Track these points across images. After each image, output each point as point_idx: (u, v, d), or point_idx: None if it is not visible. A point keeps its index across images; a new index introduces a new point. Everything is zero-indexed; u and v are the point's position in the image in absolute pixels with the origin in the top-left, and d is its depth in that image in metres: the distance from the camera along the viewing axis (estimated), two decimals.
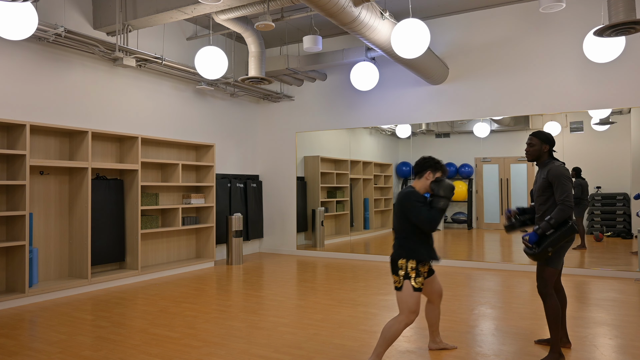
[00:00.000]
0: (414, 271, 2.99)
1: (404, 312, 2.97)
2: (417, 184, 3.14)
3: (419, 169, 3.14)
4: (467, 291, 5.31)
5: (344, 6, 4.47)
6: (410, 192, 3.06)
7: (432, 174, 3.10)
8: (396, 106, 7.76)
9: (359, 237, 8.46)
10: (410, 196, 3.03)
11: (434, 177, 3.10)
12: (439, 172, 3.11)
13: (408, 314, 2.97)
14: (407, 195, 3.04)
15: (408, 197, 3.04)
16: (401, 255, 3.01)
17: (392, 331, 2.95)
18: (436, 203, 3.02)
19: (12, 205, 5.02)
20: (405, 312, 2.97)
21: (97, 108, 6.04)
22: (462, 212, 7.84)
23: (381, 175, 8.50)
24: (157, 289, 5.59)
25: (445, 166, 3.13)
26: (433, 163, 3.11)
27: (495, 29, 7.00)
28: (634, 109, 6.24)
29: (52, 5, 5.49)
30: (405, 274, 2.99)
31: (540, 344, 3.53)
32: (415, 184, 3.14)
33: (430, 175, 3.10)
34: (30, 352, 3.48)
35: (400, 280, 2.99)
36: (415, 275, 2.99)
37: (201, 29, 7.62)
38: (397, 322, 2.97)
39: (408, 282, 2.98)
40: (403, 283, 2.98)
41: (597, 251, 6.59)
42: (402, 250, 3.02)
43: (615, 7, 3.82)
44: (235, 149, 8.43)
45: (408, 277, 2.99)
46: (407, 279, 2.98)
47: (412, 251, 3.00)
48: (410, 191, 3.06)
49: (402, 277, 2.99)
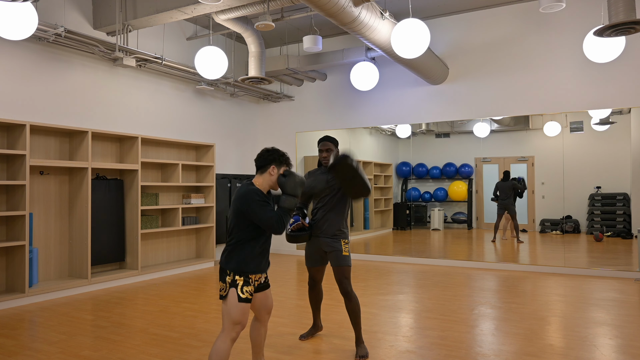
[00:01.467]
0: (242, 279, 2.61)
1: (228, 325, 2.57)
2: (258, 180, 2.73)
3: (262, 163, 2.73)
4: (467, 291, 5.31)
5: (344, 6, 4.47)
6: (250, 190, 2.63)
7: (277, 169, 2.73)
8: (396, 106, 7.76)
9: (359, 237, 8.46)
10: (252, 195, 2.61)
11: (279, 172, 2.74)
12: (284, 166, 2.74)
13: (233, 327, 2.57)
14: (247, 194, 2.62)
15: (248, 195, 2.61)
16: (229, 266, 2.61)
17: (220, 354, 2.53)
18: (282, 202, 2.66)
19: (12, 205, 5.02)
20: (229, 326, 2.57)
21: (97, 108, 6.04)
22: (462, 212, 7.85)
23: (381, 175, 8.50)
24: (157, 289, 5.59)
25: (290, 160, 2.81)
26: (278, 156, 2.73)
27: (495, 29, 7.00)
28: (634, 109, 6.24)
29: (52, 5, 5.49)
30: (232, 281, 2.59)
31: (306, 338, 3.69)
32: (256, 180, 2.73)
33: (275, 170, 2.72)
34: (30, 352, 3.48)
35: (226, 288, 2.59)
36: (243, 283, 2.61)
37: (201, 29, 7.62)
38: (221, 340, 2.56)
39: (234, 291, 2.58)
40: (229, 291, 2.58)
41: (597, 251, 6.59)
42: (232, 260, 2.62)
43: (615, 7, 3.82)
44: (235, 149, 8.43)
45: (235, 284, 2.59)
46: (233, 287, 2.58)
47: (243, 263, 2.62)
48: (251, 189, 2.63)
49: (229, 285, 2.59)
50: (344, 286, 3.34)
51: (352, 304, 3.34)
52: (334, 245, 3.41)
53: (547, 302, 4.76)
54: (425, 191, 8.08)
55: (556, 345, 3.51)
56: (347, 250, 3.43)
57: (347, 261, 3.39)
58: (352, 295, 3.34)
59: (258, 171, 2.75)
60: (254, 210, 2.58)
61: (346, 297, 3.34)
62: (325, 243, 3.45)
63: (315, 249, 3.51)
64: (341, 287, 3.35)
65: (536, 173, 7.02)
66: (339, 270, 3.36)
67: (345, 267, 3.37)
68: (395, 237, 8.40)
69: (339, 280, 3.36)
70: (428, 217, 8.06)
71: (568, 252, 6.61)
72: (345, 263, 3.37)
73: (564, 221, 6.76)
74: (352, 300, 3.34)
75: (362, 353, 3.29)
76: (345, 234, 3.50)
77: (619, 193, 6.41)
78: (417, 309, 4.56)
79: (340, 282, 3.35)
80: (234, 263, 2.61)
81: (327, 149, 3.50)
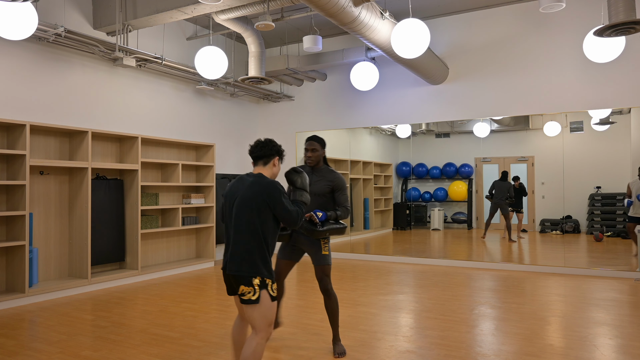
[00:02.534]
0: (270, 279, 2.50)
1: (263, 327, 2.48)
2: (266, 171, 2.62)
3: (267, 153, 2.61)
4: (467, 291, 5.31)
5: (344, 6, 4.47)
6: (273, 182, 2.52)
7: (279, 161, 2.68)
8: (396, 106, 7.76)
9: (359, 237, 8.46)
10: (277, 186, 2.51)
11: (279, 164, 2.69)
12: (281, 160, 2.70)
13: (267, 328, 2.50)
14: (272, 186, 2.49)
15: (274, 187, 2.49)
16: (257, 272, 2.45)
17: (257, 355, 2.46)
18: (300, 196, 2.66)
19: (12, 205, 5.02)
20: (265, 327, 2.49)
21: (97, 108, 6.04)
22: (462, 212, 7.85)
23: (381, 175, 8.51)
24: (157, 289, 5.59)
25: None
26: (280, 149, 2.68)
27: (495, 29, 7.00)
28: (634, 109, 6.24)
29: (52, 5, 5.49)
30: (262, 283, 2.46)
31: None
32: (265, 172, 2.62)
33: (277, 162, 2.66)
34: (30, 352, 3.48)
35: (257, 291, 2.44)
36: (272, 281, 2.51)
37: (201, 29, 7.62)
38: (257, 342, 2.47)
39: (266, 292, 2.47)
40: (260, 293, 2.45)
41: (597, 251, 6.60)
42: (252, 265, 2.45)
43: (615, 7, 3.82)
44: (235, 149, 8.43)
45: (265, 285, 2.47)
46: (264, 289, 2.46)
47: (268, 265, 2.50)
48: (273, 181, 2.53)
49: (259, 287, 2.45)
50: (324, 284, 3.37)
51: (331, 302, 3.38)
52: (314, 244, 3.40)
53: (547, 302, 4.76)
54: (425, 191, 8.08)
55: (556, 345, 3.51)
56: (327, 249, 3.43)
57: (327, 260, 3.40)
58: (331, 293, 3.38)
59: (259, 162, 2.63)
60: (281, 203, 2.48)
61: (326, 295, 3.37)
62: (303, 241, 3.44)
63: (292, 243, 3.50)
64: (321, 284, 3.38)
65: (536, 173, 7.02)
66: (320, 268, 3.39)
67: (325, 266, 3.39)
68: (395, 237, 8.40)
69: (320, 278, 3.39)
70: (428, 217, 8.06)
71: (568, 252, 6.61)
72: (325, 262, 3.39)
73: (564, 221, 6.76)
74: (332, 299, 3.38)
75: (339, 350, 3.34)
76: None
77: (619, 193, 6.41)
78: (417, 309, 4.56)
79: (321, 279, 3.38)
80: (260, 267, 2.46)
81: (313, 149, 3.49)
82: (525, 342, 3.57)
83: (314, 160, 3.50)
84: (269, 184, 2.50)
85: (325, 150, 3.55)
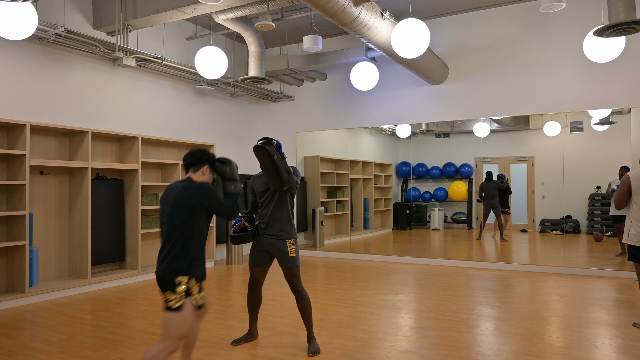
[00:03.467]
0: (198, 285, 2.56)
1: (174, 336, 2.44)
2: (195, 177, 2.70)
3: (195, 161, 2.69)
4: (467, 291, 5.31)
5: (344, 6, 4.47)
6: (202, 183, 2.62)
7: (209, 170, 2.74)
8: (396, 106, 7.76)
9: (358, 237, 8.46)
10: (207, 186, 2.60)
11: (209, 172, 2.74)
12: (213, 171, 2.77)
13: (178, 339, 2.46)
14: (202, 187, 2.59)
15: (204, 187, 2.59)
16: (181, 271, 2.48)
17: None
18: (228, 188, 2.71)
19: (12, 205, 5.02)
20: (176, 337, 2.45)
21: (97, 108, 6.04)
22: (462, 212, 7.85)
23: (381, 175, 8.51)
24: (157, 289, 5.59)
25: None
26: (211, 157, 2.75)
27: (495, 29, 7.00)
28: (634, 109, 6.24)
29: (52, 5, 5.49)
30: (187, 291, 2.48)
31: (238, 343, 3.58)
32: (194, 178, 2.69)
33: (207, 171, 2.73)
34: (30, 352, 3.48)
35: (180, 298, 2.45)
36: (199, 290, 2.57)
37: (201, 29, 7.62)
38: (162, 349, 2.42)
39: (190, 300, 2.49)
40: (185, 301, 2.46)
41: (597, 251, 6.60)
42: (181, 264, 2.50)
43: (615, 7, 3.82)
44: (235, 149, 8.43)
45: (190, 293, 2.49)
46: (189, 296, 2.49)
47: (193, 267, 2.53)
48: (203, 183, 2.63)
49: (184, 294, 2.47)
50: (295, 285, 3.39)
51: (303, 302, 3.40)
52: (280, 247, 3.41)
53: (547, 302, 4.76)
54: (425, 191, 8.09)
55: (556, 345, 3.51)
56: (294, 250, 3.43)
57: (294, 262, 3.41)
58: (303, 294, 3.40)
59: (190, 169, 2.71)
60: (212, 200, 2.58)
61: (297, 296, 3.40)
62: (269, 244, 3.44)
63: (259, 248, 3.49)
64: (292, 286, 3.40)
65: (536, 173, 7.02)
66: (288, 271, 3.41)
67: (293, 268, 3.40)
68: (395, 237, 8.40)
69: (289, 280, 3.40)
70: (428, 217, 8.06)
71: (568, 252, 6.61)
72: (293, 264, 3.40)
73: (564, 221, 6.76)
74: (303, 299, 3.40)
75: (313, 349, 3.38)
76: (290, 233, 3.46)
77: None
78: (417, 309, 4.56)
79: (291, 281, 3.40)
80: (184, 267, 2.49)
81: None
82: (525, 342, 3.57)
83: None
84: (199, 186, 2.60)
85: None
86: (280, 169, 3.25)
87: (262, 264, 3.51)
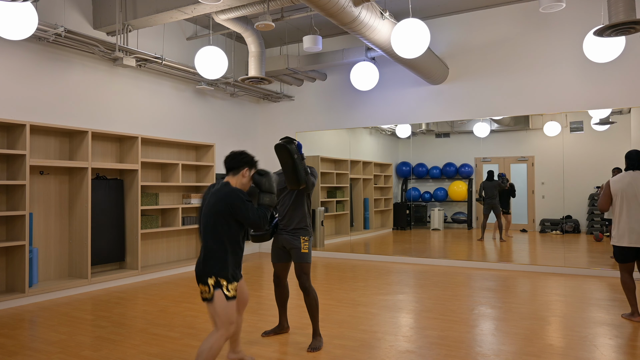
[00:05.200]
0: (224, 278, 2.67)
1: (224, 323, 2.64)
2: (233, 180, 2.79)
3: (235, 165, 2.80)
4: (467, 291, 5.31)
5: (344, 6, 4.47)
6: (234, 190, 2.70)
7: (249, 172, 2.83)
8: (396, 106, 7.76)
9: (358, 237, 8.46)
10: (237, 194, 2.68)
11: (250, 174, 2.83)
12: (254, 169, 2.85)
13: (228, 325, 2.65)
14: (231, 194, 2.67)
15: (234, 195, 2.67)
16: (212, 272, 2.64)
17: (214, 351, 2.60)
18: (262, 199, 2.78)
19: (12, 205, 5.02)
20: (225, 323, 2.64)
21: (97, 108, 6.04)
22: (462, 212, 7.85)
23: (381, 175, 8.51)
24: (157, 289, 5.59)
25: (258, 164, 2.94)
26: (250, 159, 2.84)
27: (495, 29, 7.00)
28: (634, 109, 6.24)
29: (52, 5, 5.49)
30: (217, 283, 2.64)
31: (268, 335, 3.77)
32: (231, 181, 2.79)
33: (247, 173, 2.81)
34: (30, 352, 3.48)
35: (210, 290, 2.64)
36: (228, 282, 2.68)
37: (201, 28, 7.62)
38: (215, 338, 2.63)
39: (220, 292, 2.64)
40: (214, 293, 2.63)
41: (597, 251, 6.60)
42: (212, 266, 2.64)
43: (615, 7, 3.82)
44: (235, 149, 8.41)
45: (220, 285, 2.64)
46: (218, 288, 2.64)
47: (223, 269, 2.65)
48: (234, 189, 2.70)
49: (213, 287, 2.64)
50: (303, 281, 3.50)
51: (310, 299, 3.51)
52: (293, 242, 3.54)
53: (547, 302, 4.76)
54: (425, 191, 8.09)
55: (556, 345, 3.51)
56: (307, 247, 3.54)
57: (305, 258, 3.53)
58: (310, 290, 3.51)
59: (230, 172, 2.81)
60: (240, 209, 2.65)
61: (305, 292, 3.51)
62: (285, 240, 3.57)
63: (278, 245, 3.64)
64: (300, 282, 3.51)
65: (536, 173, 7.02)
66: (298, 266, 3.53)
67: (303, 264, 3.52)
68: (395, 237, 8.40)
69: (298, 276, 3.52)
70: (428, 217, 8.06)
71: (568, 252, 6.61)
72: (303, 260, 3.52)
73: (564, 221, 6.76)
74: (310, 295, 3.51)
75: (314, 345, 3.46)
76: (306, 230, 3.58)
77: None
78: (417, 309, 4.56)
79: (299, 277, 3.51)
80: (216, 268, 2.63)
81: None
82: (525, 342, 3.57)
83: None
84: (228, 192, 2.68)
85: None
86: (299, 168, 3.34)
87: (283, 260, 3.66)
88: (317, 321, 3.53)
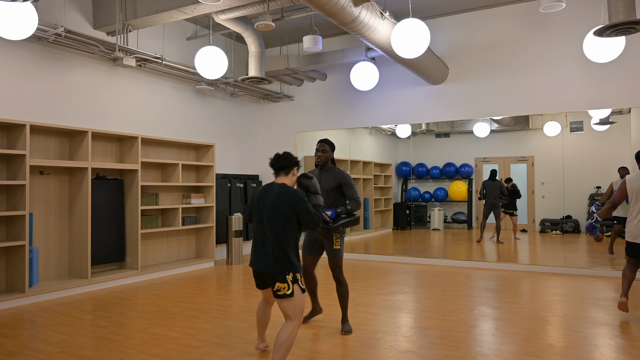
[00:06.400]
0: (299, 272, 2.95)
1: (297, 315, 2.92)
2: (287, 180, 3.04)
3: (287, 165, 3.03)
4: (467, 291, 5.31)
5: (344, 6, 4.47)
6: (296, 190, 2.94)
7: (297, 171, 3.09)
8: (396, 106, 7.76)
9: (359, 237, 8.46)
10: (300, 194, 2.92)
11: (297, 173, 3.10)
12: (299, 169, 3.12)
13: (301, 316, 2.95)
14: (295, 194, 2.91)
15: (297, 195, 2.91)
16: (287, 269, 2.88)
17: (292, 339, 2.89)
18: (314, 200, 3.05)
19: (12, 205, 5.02)
20: (299, 315, 2.93)
21: (97, 108, 6.04)
22: (462, 212, 7.85)
23: (381, 175, 8.50)
24: (157, 289, 5.59)
25: None
26: (297, 159, 3.09)
27: (495, 29, 7.00)
28: (634, 109, 6.24)
29: (52, 5, 5.49)
30: (294, 278, 2.91)
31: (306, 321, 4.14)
32: (286, 181, 3.03)
33: (296, 171, 3.08)
34: (30, 352, 3.48)
35: (290, 286, 2.88)
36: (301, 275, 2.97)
37: (201, 28, 7.62)
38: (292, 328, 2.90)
39: (297, 286, 2.92)
40: (293, 288, 2.89)
41: (597, 251, 6.59)
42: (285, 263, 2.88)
43: (615, 7, 3.82)
44: (235, 149, 8.43)
45: (296, 280, 2.92)
46: (296, 283, 2.91)
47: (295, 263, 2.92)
48: (295, 190, 2.95)
49: (291, 282, 2.89)
50: (336, 274, 3.87)
51: (343, 289, 3.89)
52: (328, 237, 3.86)
53: (547, 302, 4.76)
54: (425, 191, 8.08)
55: (556, 345, 3.51)
56: (339, 243, 3.85)
57: (338, 253, 3.85)
58: (342, 281, 3.89)
59: (281, 172, 3.03)
60: (303, 208, 2.89)
61: (337, 283, 3.89)
62: (321, 235, 3.89)
63: (313, 238, 3.95)
64: (334, 274, 3.87)
65: (536, 173, 7.02)
66: (332, 260, 3.87)
67: (337, 259, 3.85)
68: (395, 237, 8.40)
69: (332, 268, 3.87)
70: (428, 217, 8.06)
71: (568, 252, 6.61)
72: (336, 255, 3.85)
73: (564, 221, 6.76)
74: (342, 286, 3.89)
75: (346, 329, 3.82)
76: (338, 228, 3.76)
77: None
78: (417, 309, 4.56)
79: (333, 270, 3.87)
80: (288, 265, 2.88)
81: (323, 150, 3.93)
82: (525, 342, 3.57)
83: (322, 160, 3.94)
84: (293, 193, 2.90)
85: (333, 152, 4.06)
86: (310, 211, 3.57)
87: (313, 253, 3.98)
88: (347, 309, 3.90)
